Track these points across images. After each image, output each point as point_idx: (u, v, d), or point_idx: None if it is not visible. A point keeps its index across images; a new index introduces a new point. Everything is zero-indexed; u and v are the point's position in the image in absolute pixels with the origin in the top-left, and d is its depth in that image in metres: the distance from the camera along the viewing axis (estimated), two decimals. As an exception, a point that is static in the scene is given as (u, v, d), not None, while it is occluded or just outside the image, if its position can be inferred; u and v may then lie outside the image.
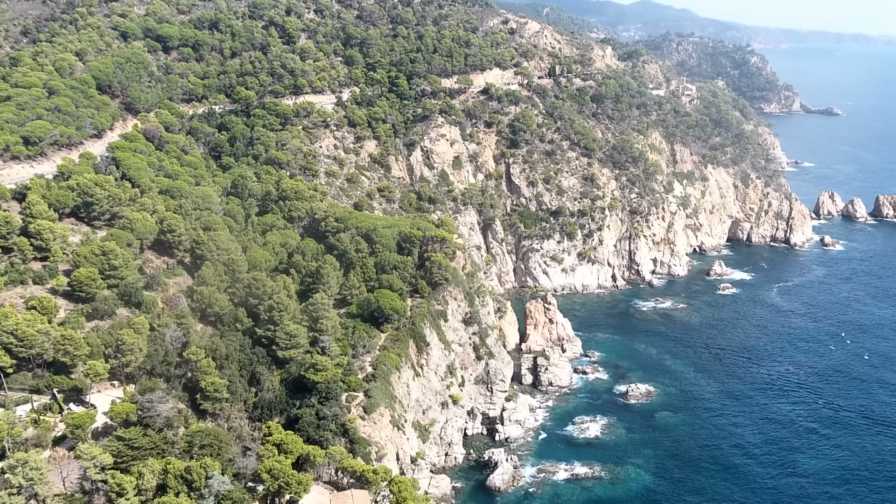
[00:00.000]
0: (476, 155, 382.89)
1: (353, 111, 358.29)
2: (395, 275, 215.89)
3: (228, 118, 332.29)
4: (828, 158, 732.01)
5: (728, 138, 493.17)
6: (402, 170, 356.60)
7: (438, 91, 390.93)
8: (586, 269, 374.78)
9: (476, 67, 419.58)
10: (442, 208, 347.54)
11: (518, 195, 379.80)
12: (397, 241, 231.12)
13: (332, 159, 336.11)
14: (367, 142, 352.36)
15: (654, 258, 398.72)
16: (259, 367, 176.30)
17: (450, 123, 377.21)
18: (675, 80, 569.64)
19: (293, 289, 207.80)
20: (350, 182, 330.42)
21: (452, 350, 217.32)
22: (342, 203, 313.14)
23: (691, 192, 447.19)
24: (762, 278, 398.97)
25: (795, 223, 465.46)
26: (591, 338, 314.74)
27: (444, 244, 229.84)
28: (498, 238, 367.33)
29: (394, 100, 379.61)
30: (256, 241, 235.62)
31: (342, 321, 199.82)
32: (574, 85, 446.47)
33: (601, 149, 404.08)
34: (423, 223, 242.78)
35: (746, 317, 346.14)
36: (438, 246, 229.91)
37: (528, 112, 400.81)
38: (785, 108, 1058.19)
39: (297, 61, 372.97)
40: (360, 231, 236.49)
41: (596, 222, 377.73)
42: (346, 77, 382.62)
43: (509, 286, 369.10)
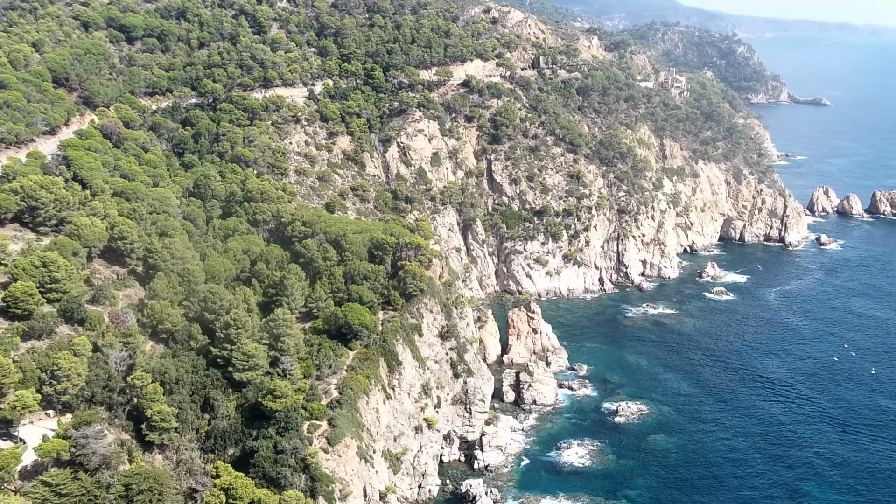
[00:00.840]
0: (456, 151, 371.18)
1: (325, 105, 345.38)
2: (365, 286, 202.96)
3: (193, 113, 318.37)
4: (819, 151, 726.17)
5: (720, 132, 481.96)
6: (378, 167, 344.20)
7: (416, 84, 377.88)
8: (572, 272, 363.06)
9: (456, 59, 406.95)
10: (419, 208, 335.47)
11: (500, 194, 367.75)
12: (369, 248, 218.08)
13: (303, 156, 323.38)
14: (340, 138, 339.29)
15: (643, 259, 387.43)
16: (213, 392, 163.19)
17: (428, 118, 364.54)
18: (664, 72, 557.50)
19: (254, 301, 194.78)
20: (322, 181, 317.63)
21: (427, 368, 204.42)
22: (313, 204, 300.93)
23: (682, 189, 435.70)
24: (757, 281, 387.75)
25: (790, 221, 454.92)
26: (578, 348, 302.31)
27: (419, 251, 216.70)
28: (479, 239, 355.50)
29: (369, 93, 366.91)
30: (217, 248, 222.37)
31: (307, 337, 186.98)
32: (559, 77, 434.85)
33: (587, 144, 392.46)
34: (397, 228, 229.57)
35: (743, 325, 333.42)
36: (413, 253, 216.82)
37: (511, 106, 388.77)
38: (772, 98, 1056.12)
39: (267, 52, 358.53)
40: (329, 237, 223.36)
41: (582, 222, 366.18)
42: (319, 69, 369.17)
43: (491, 290, 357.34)
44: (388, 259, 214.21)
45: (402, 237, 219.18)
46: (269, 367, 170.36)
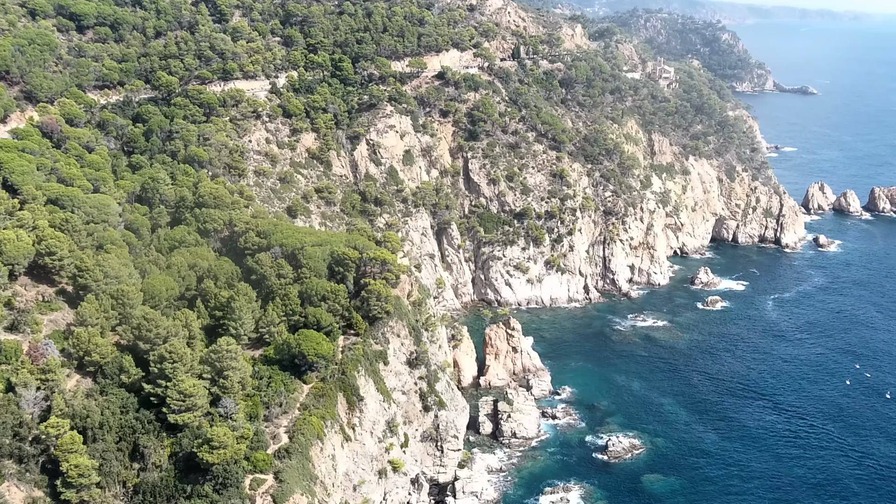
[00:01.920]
0: (430, 148, 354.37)
1: (288, 99, 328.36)
2: (323, 307, 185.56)
3: (146, 108, 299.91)
4: (809, 143, 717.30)
5: (711, 126, 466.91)
6: (345, 166, 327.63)
7: (388, 76, 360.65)
8: (555, 280, 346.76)
9: (431, 49, 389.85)
10: (390, 211, 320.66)
11: (477, 194, 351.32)
12: (329, 263, 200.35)
13: (264, 155, 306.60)
14: (304, 135, 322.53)
15: (631, 265, 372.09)
16: (144, 438, 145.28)
17: (400, 113, 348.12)
18: (652, 62, 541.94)
19: (197, 326, 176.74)
20: (283, 182, 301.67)
21: (394, 401, 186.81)
22: (273, 208, 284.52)
23: (671, 188, 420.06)
24: (754, 288, 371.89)
25: (787, 221, 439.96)
26: (562, 367, 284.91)
27: (385, 267, 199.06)
28: (454, 244, 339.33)
29: (337, 86, 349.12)
30: (159, 263, 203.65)
31: (256, 369, 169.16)
32: (540, 68, 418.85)
33: (571, 140, 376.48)
34: (361, 240, 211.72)
35: (742, 340, 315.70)
36: (378, 270, 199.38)
37: (489, 99, 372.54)
38: (757, 86, 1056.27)
39: (227, 42, 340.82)
40: (285, 250, 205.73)
41: (566, 225, 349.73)
42: (283, 60, 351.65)
43: (467, 299, 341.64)
44: (351, 276, 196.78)
45: (367, 251, 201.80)
46: (210, 407, 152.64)
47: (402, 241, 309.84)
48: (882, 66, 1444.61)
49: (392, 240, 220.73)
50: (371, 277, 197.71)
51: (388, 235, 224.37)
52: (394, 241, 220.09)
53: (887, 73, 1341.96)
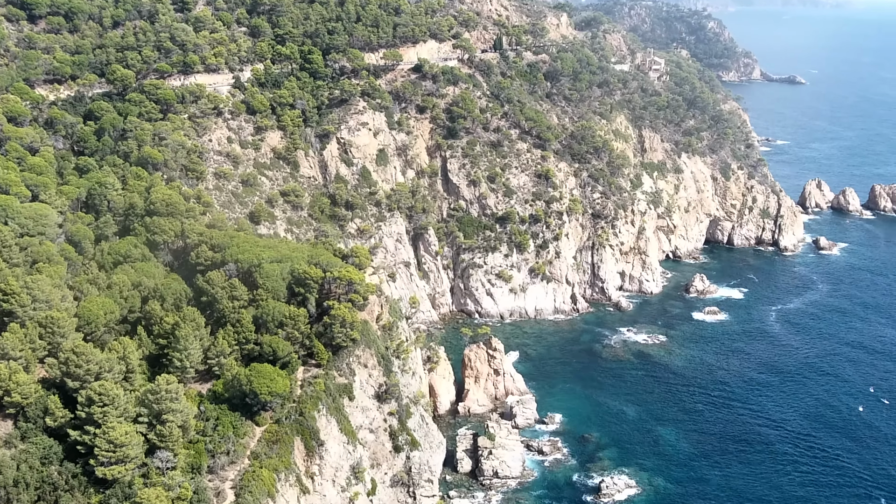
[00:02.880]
0: (405, 147, 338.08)
1: (252, 94, 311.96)
2: (281, 335, 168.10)
3: (98, 104, 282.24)
4: (801, 135, 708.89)
5: (704, 121, 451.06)
6: (314, 167, 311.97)
7: (361, 69, 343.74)
8: (540, 289, 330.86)
9: (407, 40, 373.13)
10: (362, 215, 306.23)
11: (457, 197, 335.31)
12: (289, 282, 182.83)
13: (225, 156, 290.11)
14: (269, 133, 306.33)
15: (621, 271, 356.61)
16: (66, 498, 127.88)
17: (373, 109, 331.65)
18: (641, 53, 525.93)
19: (137, 358, 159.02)
20: (246, 185, 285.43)
21: (359, 442, 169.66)
22: (234, 214, 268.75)
23: (663, 187, 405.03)
24: (754, 297, 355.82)
25: (785, 222, 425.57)
26: (549, 390, 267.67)
27: (351, 288, 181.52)
28: (432, 251, 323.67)
29: (306, 80, 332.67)
30: (99, 282, 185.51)
31: (202, 409, 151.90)
32: (524, 60, 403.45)
33: (557, 138, 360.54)
34: (326, 255, 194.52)
35: (744, 357, 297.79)
36: (344, 291, 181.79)
37: (469, 94, 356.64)
38: (744, 76, 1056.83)
39: (189, 33, 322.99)
40: (240, 267, 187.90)
41: (552, 230, 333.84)
42: (249, 52, 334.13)
43: (445, 310, 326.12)
44: (313, 298, 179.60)
45: (331, 269, 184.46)
46: (146, 457, 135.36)
47: (374, 248, 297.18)
48: (868, 55, 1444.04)
49: (360, 254, 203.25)
50: (336, 299, 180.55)
51: (356, 249, 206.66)
52: (362, 256, 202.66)
53: (874, 62, 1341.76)
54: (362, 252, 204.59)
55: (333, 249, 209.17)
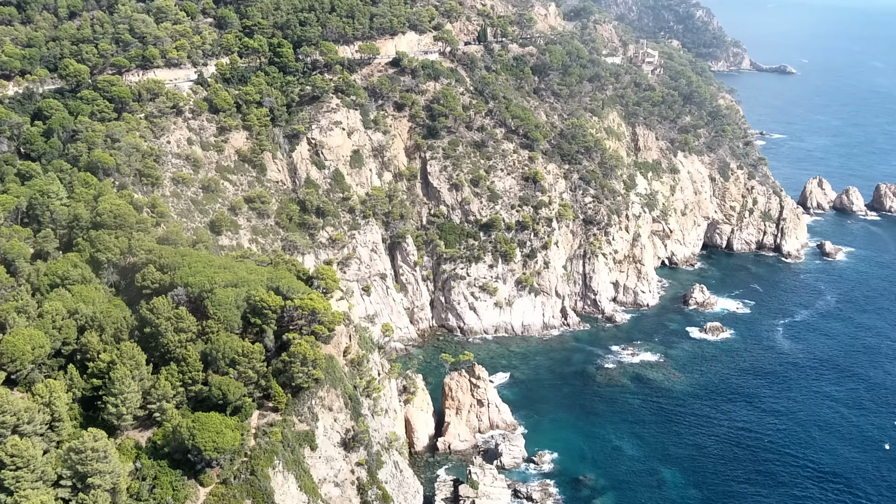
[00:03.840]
0: (382, 148, 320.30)
1: (216, 91, 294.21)
2: (233, 374, 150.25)
3: (48, 102, 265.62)
4: (797, 128, 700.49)
5: (701, 118, 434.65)
6: (282, 171, 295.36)
7: (334, 63, 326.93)
8: (527, 303, 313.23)
9: (385, 32, 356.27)
10: (334, 223, 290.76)
11: (437, 202, 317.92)
12: (244, 310, 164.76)
13: (184, 159, 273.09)
14: (233, 133, 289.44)
15: (615, 282, 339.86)
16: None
17: (348, 106, 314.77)
18: (633, 45, 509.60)
19: (64, 404, 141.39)
20: (207, 191, 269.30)
21: (322, 499, 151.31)
22: (192, 223, 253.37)
23: (658, 189, 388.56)
24: (758, 310, 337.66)
25: (788, 226, 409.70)
26: (539, 421, 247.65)
27: (314, 318, 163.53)
28: (410, 261, 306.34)
29: (275, 75, 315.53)
30: (29, 311, 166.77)
31: (138, 465, 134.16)
32: (510, 53, 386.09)
33: (546, 137, 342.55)
34: (288, 278, 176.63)
35: (754, 382, 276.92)
36: (307, 321, 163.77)
37: (451, 90, 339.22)
38: (733, 65, 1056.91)
39: (149, 24, 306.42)
40: (191, 292, 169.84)
41: (540, 238, 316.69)
42: (214, 45, 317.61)
43: (425, 325, 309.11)
44: (271, 330, 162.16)
45: (293, 295, 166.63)
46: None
47: (348, 258, 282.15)
48: (858, 43, 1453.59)
49: (327, 276, 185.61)
50: (297, 331, 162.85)
51: (322, 270, 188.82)
52: (329, 279, 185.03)
53: (864, 50, 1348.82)
54: (329, 274, 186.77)
55: (297, 270, 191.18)
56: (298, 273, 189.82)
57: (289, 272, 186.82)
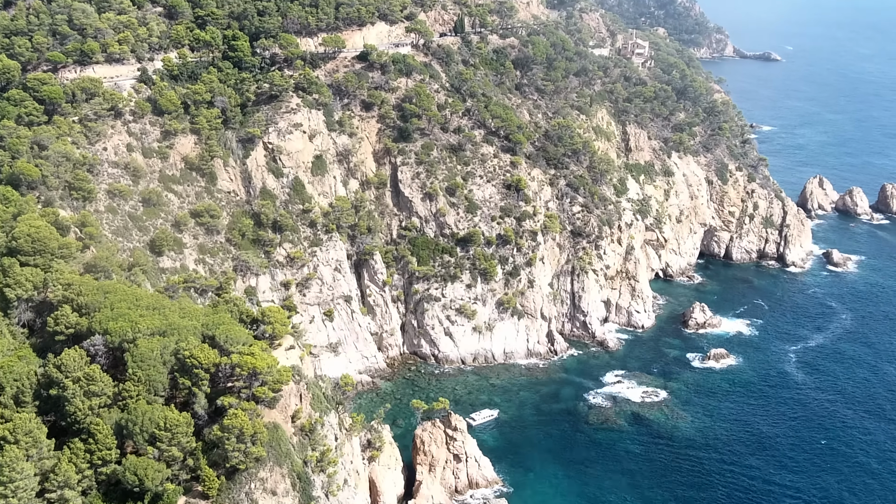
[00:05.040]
0: (348, 153, 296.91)
1: (161, 90, 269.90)
2: (153, 453, 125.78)
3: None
4: (788, 119, 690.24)
5: (697, 114, 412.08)
6: (235, 179, 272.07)
7: (295, 57, 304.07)
8: (510, 327, 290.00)
9: (352, 22, 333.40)
10: (293, 238, 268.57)
11: (409, 213, 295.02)
12: (171, 367, 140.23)
13: (123, 168, 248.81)
14: (180, 138, 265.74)
15: (606, 299, 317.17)
16: None
17: (309, 106, 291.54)
18: (622, 35, 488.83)
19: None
20: (148, 204, 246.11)
21: None
22: (129, 243, 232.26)
23: (651, 193, 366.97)
24: (765, 332, 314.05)
25: (791, 233, 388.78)
26: (524, 476, 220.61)
27: (255, 379, 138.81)
28: (378, 280, 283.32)
29: (229, 71, 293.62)
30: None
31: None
32: (490, 45, 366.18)
33: (529, 139, 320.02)
34: (227, 323, 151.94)
35: (767, 423, 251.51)
36: (247, 382, 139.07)
37: (425, 88, 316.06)
38: (716, 52, 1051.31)
39: (90, 14, 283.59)
40: (110, 341, 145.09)
41: (524, 254, 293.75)
42: (161, 37, 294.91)
43: (395, 353, 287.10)
44: (202, 393, 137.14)
45: (231, 346, 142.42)
46: None
47: (308, 279, 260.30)
48: (841, 29, 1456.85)
49: (275, 319, 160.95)
50: (235, 394, 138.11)
51: (269, 313, 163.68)
52: (277, 322, 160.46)
53: (849, 37, 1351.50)
54: (277, 317, 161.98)
55: (240, 312, 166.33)
56: (242, 315, 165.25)
57: (229, 314, 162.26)
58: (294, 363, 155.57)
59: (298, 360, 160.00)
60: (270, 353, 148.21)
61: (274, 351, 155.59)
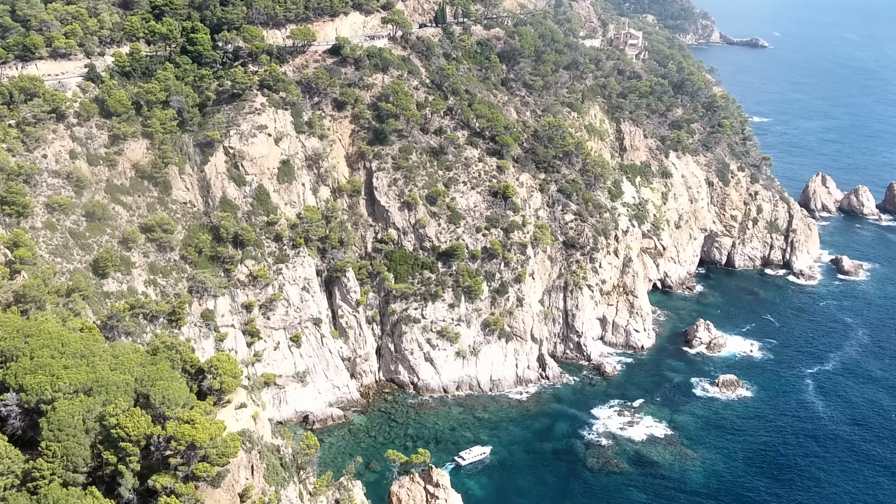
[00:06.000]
0: (318, 157, 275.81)
1: (110, 89, 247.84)
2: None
3: None
4: (780, 110, 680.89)
5: (696, 110, 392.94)
6: (191, 188, 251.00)
7: (260, 51, 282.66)
8: (497, 351, 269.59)
9: (323, 12, 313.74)
10: (256, 255, 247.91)
11: (386, 224, 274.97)
12: (95, 434, 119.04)
13: (64, 178, 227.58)
14: (130, 143, 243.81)
15: (602, 317, 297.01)
16: None
17: (275, 106, 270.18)
18: (614, 24, 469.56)
19: None
20: (92, 219, 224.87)
21: None
22: (70, 264, 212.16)
23: (648, 197, 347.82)
24: (777, 353, 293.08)
25: (798, 238, 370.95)
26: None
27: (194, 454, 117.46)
28: (351, 300, 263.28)
29: (187, 67, 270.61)
30: None
31: None
32: (473, 36, 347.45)
33: (518, 140, 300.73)
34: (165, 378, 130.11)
35: (790, 467, 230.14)
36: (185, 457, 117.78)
37: (403, 84, 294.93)
38: (702, 38, 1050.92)
39: (35, 4, 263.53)
40: (25, 402, 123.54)
41: (512, 269, 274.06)
42: (114, 29, 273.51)
43: (369, 380, 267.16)
44: (130, 474, 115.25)
45: (169, 410, 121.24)
46: None
47: (272, 300, 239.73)
48: (828, 14, 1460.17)
49: (224, 370, 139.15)
50: (171, 472, 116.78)
51: (216, 362, 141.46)
52: (226, 373, 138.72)
53: (836, 22, 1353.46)
54: (227, 367, 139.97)
55: (183, 361, 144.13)
56: (185, 364, 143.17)
57: (170, 363, 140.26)
58: (245, 426, 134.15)
59: (251, 419, 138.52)
60: (216, 416, 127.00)
61: (222, 410, 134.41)
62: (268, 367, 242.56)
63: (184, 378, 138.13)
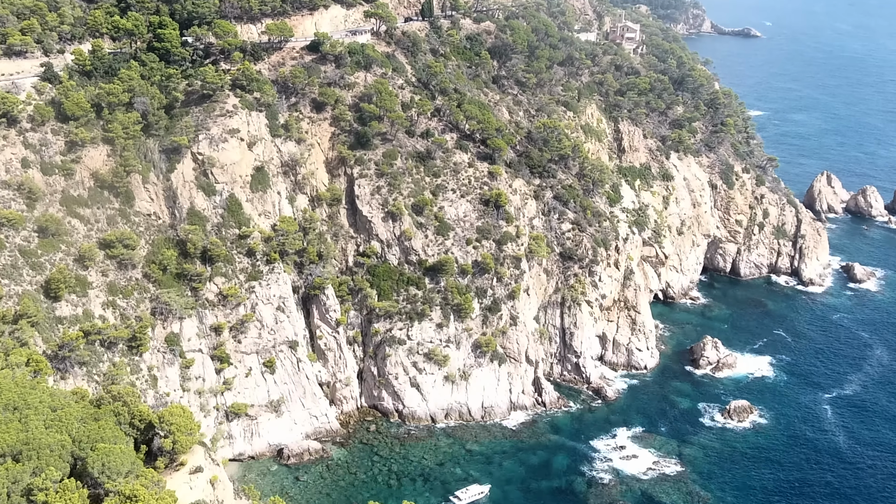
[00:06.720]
0: (295, 163, 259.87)
1: (66, 91, 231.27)
2: None
3: None
4: (777, 103, 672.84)
5: (698, 108, 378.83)
6: (156, 199, 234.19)
7: (233, 48, 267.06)
8: (489, 375, 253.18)
9: (301, 6, 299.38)
10: (226, 271, 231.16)
11: (368, 235, 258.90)
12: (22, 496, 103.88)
13: (15, 190, 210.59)
14: (89, 150, 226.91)
15: (601, 334, 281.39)
16: None
17: (249, 108, 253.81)
18: (610, 17, 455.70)
19: None
20: (45, 235, 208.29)
21: None
22: (19, 286, 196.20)
23: (649, 201, 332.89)
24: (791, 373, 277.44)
25: (807, 244, 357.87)
26: None
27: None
28: (331, 319, 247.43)
29: (154, 65, 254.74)
30: None
31: None
32: (462, 31, 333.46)
33: (510, 143, 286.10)
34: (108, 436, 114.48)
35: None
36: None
37: (387, 84, 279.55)
38: (693, 28, 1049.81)
39: None
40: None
41: (505, 284, 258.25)
42: (76, 24, 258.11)
43: (350, 407, 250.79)
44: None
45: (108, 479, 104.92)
46: None
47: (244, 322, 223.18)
48: (818, 3, 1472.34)
49: (176, 424, 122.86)
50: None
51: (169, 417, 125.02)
52: (180, 430, 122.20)
53: (825, 11, 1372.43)
54: (180, 422, 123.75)
55: (130, 415, 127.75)
56: (133, 418, 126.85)
57: (115, 418, 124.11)
58: (201, 496, 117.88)
59: (209, 484, 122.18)
60: (166, 486, 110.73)
61: (174, 476, 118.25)
62: (238, 396, 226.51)
63: (131, 437, 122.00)
